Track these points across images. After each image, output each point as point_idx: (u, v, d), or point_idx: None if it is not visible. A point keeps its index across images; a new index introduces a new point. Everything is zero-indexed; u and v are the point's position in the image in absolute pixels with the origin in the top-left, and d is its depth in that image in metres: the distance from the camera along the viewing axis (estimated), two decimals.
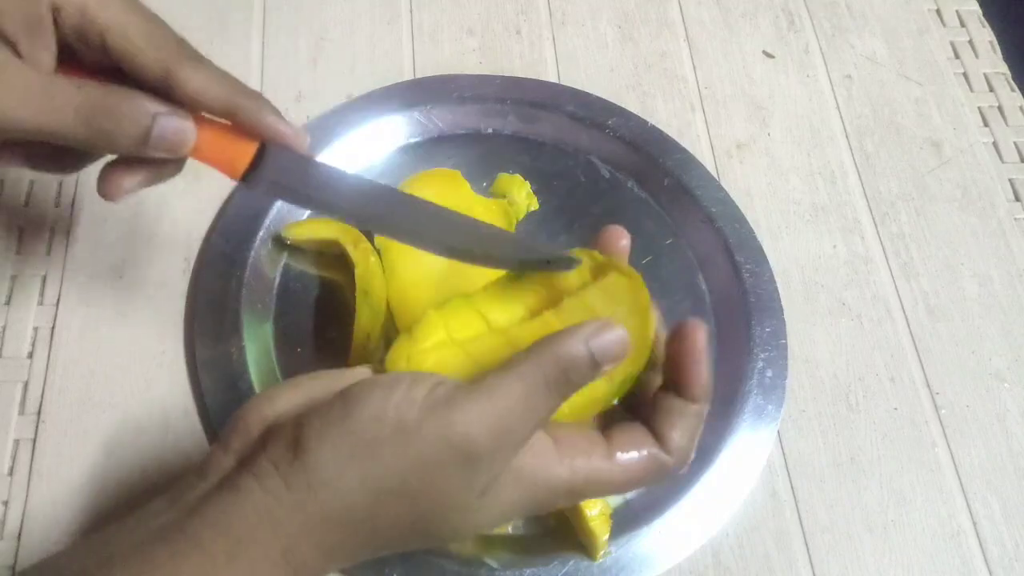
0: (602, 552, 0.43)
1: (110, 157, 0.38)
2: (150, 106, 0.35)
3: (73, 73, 0.36)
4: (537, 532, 0.45)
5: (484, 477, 0.31)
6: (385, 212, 0.39)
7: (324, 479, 0.30)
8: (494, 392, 0.31)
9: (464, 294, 0.39)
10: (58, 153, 0.38)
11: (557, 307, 0.38)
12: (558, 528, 0.45)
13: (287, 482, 0.30)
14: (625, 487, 0.34)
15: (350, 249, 0.49)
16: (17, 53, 0.35)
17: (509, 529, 0.45)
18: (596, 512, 0.43)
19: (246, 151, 0.37)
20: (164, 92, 0.36)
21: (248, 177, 0.37)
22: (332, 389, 0.33)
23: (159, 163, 0.37)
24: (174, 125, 0.35)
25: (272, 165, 0.37)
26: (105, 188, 0.38)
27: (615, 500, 0.46)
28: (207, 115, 0.37)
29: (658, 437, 0.35)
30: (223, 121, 0.37)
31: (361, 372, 0.35)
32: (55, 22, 0.35)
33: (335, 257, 0.50)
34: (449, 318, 0.38)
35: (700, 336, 0.35)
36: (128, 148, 0.35)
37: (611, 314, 0.37)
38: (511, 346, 0.37)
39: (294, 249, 0.51)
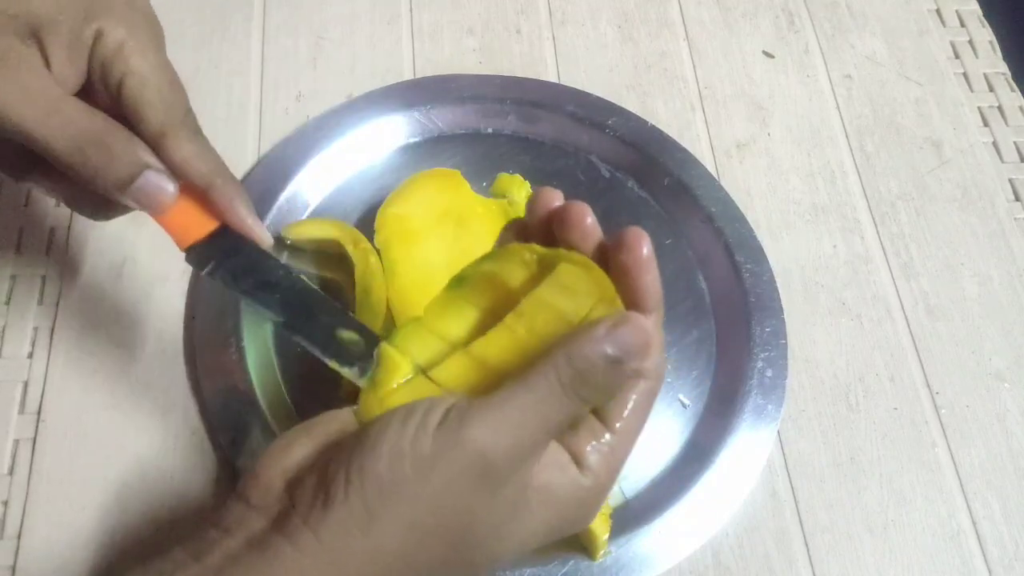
0: (602, 552, 0.43)
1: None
2: (145, 157, 0.35)
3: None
4: None
5: (508, 492, 0.31)
6: (308, 331, 0.38)
7: (355, 526, 0.30)
8: (505, 404, 0.31)
9: (412, 317, 0.38)
10: (93, 197, 0.38)
11: (517, 311, 0.36)
12: None
13: (318, 536, 0.29)
14: (635, 441, 0.34)
15: (350, 249, 0.49)
16: (47, 64, 0.35)
17: None
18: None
19: (204, 227, 0.38)
20: (154, 151, 0.36)
21: (191, 250, 0.38)
22: (346, 429, 0.33)
23: (102, 200, 0.38)
24: (159, 184, 0.36)
25: (223, 249, 0.38)
26: (14, 172, 0.38)
27: (615, 500, 0.46)
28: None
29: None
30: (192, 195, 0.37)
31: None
32: (91, 48, 0.35)
33: (335, 257, 0.50)
34: (405, 347, 0.37)
35: (644, 245, 0.34)
36: (107, 188, 0.35)
37: (578, 308, 0.35)
38: (478, 364, 0.36)
39: (294, 249, 0.51)
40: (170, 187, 0.36)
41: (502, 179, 0.53)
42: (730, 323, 0.51)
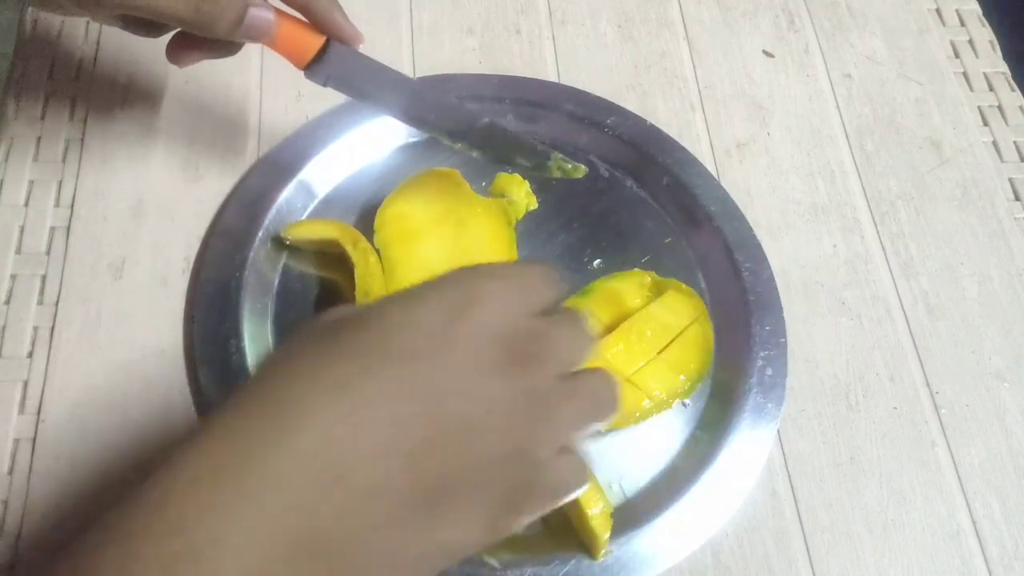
0: (603, 551, 0.43)
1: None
2: None
3: None
4: (537, 532, 0.45)
5: None
6: (421, 108, 0.47)
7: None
8: None
9: None
10: (149, 23, 0.43)
11: (631, 320, 0.48)
12: (558, 528, 0.45)
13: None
14: None
15: (349, 249, 0.49)
16: None
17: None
18: (597, 511, 0.43)
19: (313, 45, 0.44)
20: None
21: (311, 68, 0.45)
22: None
23: (225, 44, 0.44)
24: (261, 16, 0.42)
25: (332, 60, 0.45)
26: (175, 57, 0.45)
27: (615, 499, 0.46)
28: (283, 10, 0.44)
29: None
30: (297, 16, 0.44)
31: None
32: None
33: (335, 257, 0.50)
34: None
35: None
36: (222, 33, 0.42)
37: (679, 324, 0.49)
38: (597, 355, 0.46)
39: (294, 249, 0.51)
40: (270, 15, 0.43)
41: (501, 178, 0.53)
42: (730, 322, 0.51)
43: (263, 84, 0.57)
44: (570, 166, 0.48)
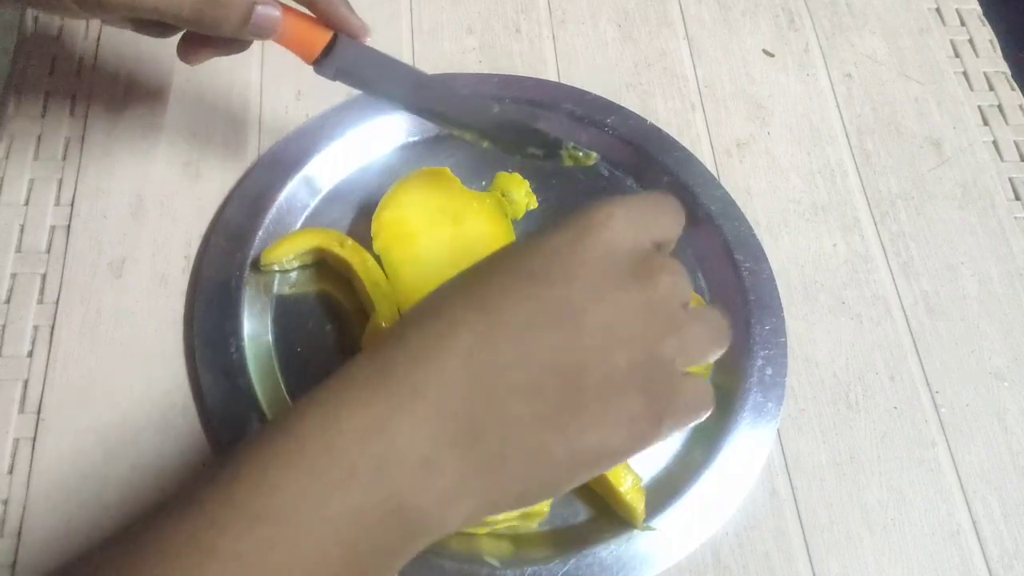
0: (642, 521, 0.44)
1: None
2: None
3: None
4: (538, 530, 0.45)
5: None
6: (430, 100, 0.47)
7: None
8: None
9: None
10: (158, 24, 0.43)
11: None
12: (559, 527, 0.45)
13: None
14: None
15: (338, 250, 0.48)
16: None
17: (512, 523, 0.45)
18: (629, 485, 0.44)
19: (320, 40, 0.44)
20: None
21: (320, 63, 0.45)
22: None
23: (234, 41, 0.44)
24: (268, 13, 0.42)
25: (341, 54, 0.44)
26: (185, 56, 0.45)
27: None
28: (290, 5, 0.44)
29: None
30: (303, 11, 0.44)
31: None
32: None
33: (324, 272, 0.50)
34: None
35: None
36: (229, 32, 0.42)
37: None
38: None
39: (283, 272, 0.50)
40: (276, 12, 0.42)
41: (501, 177, 0.53)
42: (729, 321, 0.51)
43: (264, 82, 0.57)
44: (581, 154, 0.48)
